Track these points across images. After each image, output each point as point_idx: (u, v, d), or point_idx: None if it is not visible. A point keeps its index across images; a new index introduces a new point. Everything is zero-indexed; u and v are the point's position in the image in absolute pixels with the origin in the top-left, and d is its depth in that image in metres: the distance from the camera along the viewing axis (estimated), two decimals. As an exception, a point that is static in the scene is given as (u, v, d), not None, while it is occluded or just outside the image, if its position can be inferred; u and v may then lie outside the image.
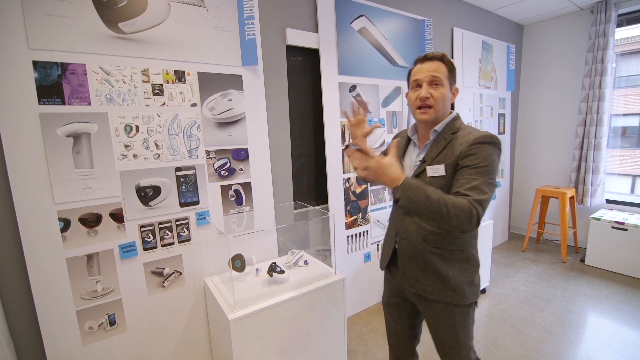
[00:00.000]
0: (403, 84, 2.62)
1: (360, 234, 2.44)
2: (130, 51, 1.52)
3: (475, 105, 3.27)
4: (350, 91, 2.27)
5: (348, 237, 2.37)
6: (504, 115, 3.65)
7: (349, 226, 2.36)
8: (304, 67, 2.19)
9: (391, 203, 2.59)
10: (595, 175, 3.38)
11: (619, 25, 3.23)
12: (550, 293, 2.74)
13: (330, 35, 2.15)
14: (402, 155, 1.24)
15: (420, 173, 1.12)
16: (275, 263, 1.71)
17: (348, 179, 2.32)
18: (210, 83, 1.75)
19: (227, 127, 1.81)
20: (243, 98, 1.85)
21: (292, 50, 2.09)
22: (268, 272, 1.66)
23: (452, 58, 3.03)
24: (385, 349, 2.08)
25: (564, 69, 3.63)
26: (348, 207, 2.35)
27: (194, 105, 1.71)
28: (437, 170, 1.08)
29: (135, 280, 1.61)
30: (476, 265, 1.16)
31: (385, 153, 1.09)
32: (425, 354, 1.95)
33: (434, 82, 1.09)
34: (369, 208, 2.48)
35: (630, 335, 2.16)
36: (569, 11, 3.47)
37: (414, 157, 1.20)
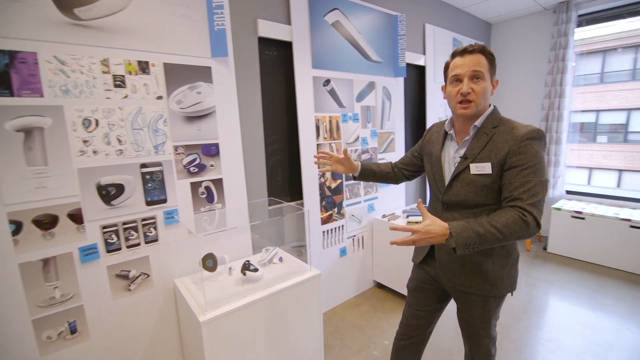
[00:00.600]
0: (377, 79, 2.63)
1: (335, 228, 2.44)
2: (88, 39, 1.41)
3: (446, 101, 3.34)
4: (324, 85, 2.25)
5: (324, 232, 2.36)
6: (473, 110, 3.77)
7: (324, 221, 2.35)
8: (277, 60, 2.13)
9: (365, 198, 2.61)
10: (556, 168, 3.57)
11: (579, 25, 3.40)
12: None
13: (304, 28, 2.11)
14: (439, 149, 1.22)
15: (462, 170, 1.11)
16: (248, 261, 1.67)
17: (323, 174, 2.31)
18: (177, 75, 1.66)
19: (196, 121, 1.74)
20: (213, 91, 1.78)
21: (264, 42, 2.03)
22: (241, 271, 1.62)
23: (424, 54, 3.08)
24: (362, 341, 2.10)
25: (528, 67, 3.79)
26: (323, 203, 2.33)
27: (159, 98, 1.62)
28: (482, 168, 1.06)
29: (98, 285, 1.51)
30: (517, 257, 1.18)
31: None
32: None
33: (475, 77, 1.06)
34: (344, 203, 2.48)
35: (588, 317, 2.31)
36: (534, 11, 3.61)
37: (452, 152, 1.18)
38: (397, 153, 2.87)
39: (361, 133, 2.55)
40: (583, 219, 3.17)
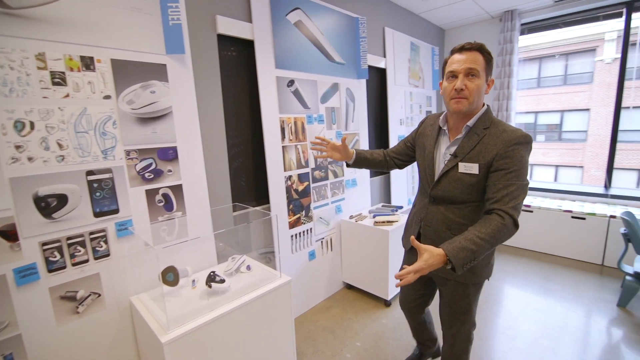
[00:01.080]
0: (341, 81, 2.63)
1: (304, 232, 2.39)
2: (19, 30, 1.24)
3: (406, 103, 3.44)
4: (288, 86, 2.20)
5: (292, 236, 2.31)
6: (430, 112, 3.93)
7: (292, 225, 2.30)
8: (238, 59, 2.04)
9: (332, 200, 2.59)
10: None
11: (522, 33, 3.69)
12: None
13: (265, 26, 2.04)
14: (433, 145, 1.26)
15: (451, 168, 1.15)
16: (214, 272, 1.56)
17: (289, 177, 2.25)
18: (128, 72, 1.52)
19: (151, 123, 1.60)
20: (169, 90, 1.65)
21: (225, 40, 1.94)
22: (206, 283, 1.51)
23: (385, 57, 3.15)
24: (334, 345, 2.07)
25: (479, 71, 4.03)
26: (291, 206, 2.28)
27: (107, 97, 1.47)
28: (470, 168, 1.11)
29: (39, 310, 1.33)
30: (494, 249, 1.23)
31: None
32: (372, 345, 1.98)
33: (470, 74, 1.09)
34: (312, 205, 2.44)
35: (540, 303, 2.48)
36: (482, 18, 3.85)
37: (443, 149, 1.22)
38: (362, 154, 2.89)
39: (326, 134, 2.53)
40: (531, 212, 3.43)
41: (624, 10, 3.12)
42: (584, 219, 3.10)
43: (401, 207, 2.89)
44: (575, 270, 2.99)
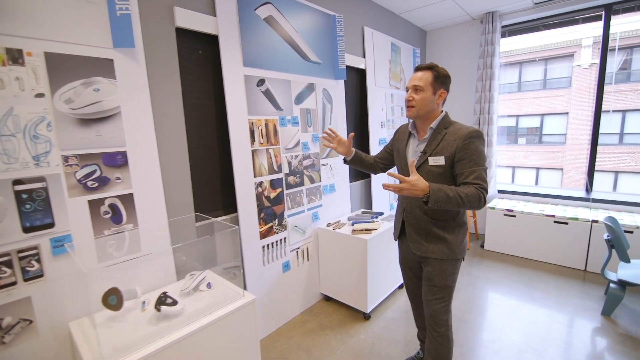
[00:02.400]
0: (317, 81, 2.49)
1: (277, 242, 2.23)
2: None
3: (387, 105, 3.34)
4: (258, 85, 2.04)
5: (263, 247, 2.14)
6: (413, 114, 3.83)
7: (263, 235, 2.13)
8: (202, 56, 1.88)
9: (309, 207, 2.44)
10: (489, 169, 3.77)
11: (503, 35, 3.64)
12: (457, 280, 2.93)
13: (232, 20, 1.89)
14: (404, 146, 1.54)
15: (423, 162, 1.40)
16: (165, 293, 1.39)
17: (260, 183, 2.09)
18: (66, 68, 1.33)
19: (95, 124, 1.42)
20: (116, 88, 1.47)
21: (185, 34, 1.77)
22: (155, 307, 1.33)
23: (364, 57, 3.03)
24: (307, 367, 1.91)
25: (461, 73, 3.98)
26: (262, 215, 2.11)
27: (40, 95, 1.28)
28: (438, 160, 1.37)
29: (-51, 344, 1.12)
30: (466, 229, 1.49)
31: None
32: None
33: (415, 88, 1.40)
34: (286, 213, 2.29)
35: (524, 313, 2.39)
36: (464, 20, 3.80)
37: (414, 147, 1.49)
38: (340, 158, 2.76)
39: (302, 137, 2.38)
40: (514, 216, 3.36)
41: (603, 13, 3.10)
42: (566, 223, 3.05)
43: (382, 214, 2.77)
44: (559, 277, 2.93)
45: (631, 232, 2.72)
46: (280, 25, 2.17)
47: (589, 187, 3.42)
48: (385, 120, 3.31)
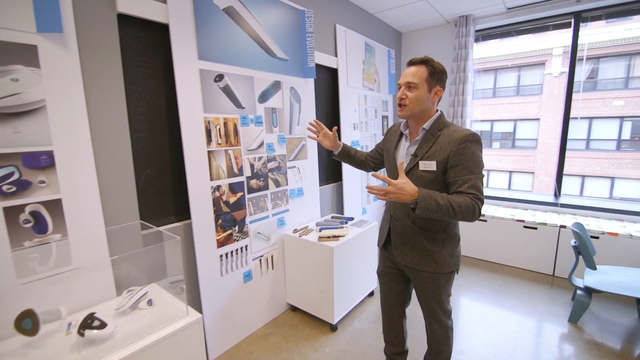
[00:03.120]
0: (284, 79, 2.35)
1: (237, 250, 2.08)
2: None
3: (361, 106, 3.25)
4: (216, 81, 1.88)
5: (221, 256, 1.98)
6: (387, 117, 3.77)
7: (221, 243, 1.97)
8: (151, 46, 1.71)
9: (274, 212, 2.30)
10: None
11: (477, 40, 3.64)
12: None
13: (185, 8, 1.72)
14: (394, 147, 1.43)
15: (413, 166, 1.29)
16: (92, 314, 1.21)
17: (218, 187, 1.93)
18: (-27, 52, 1.14)
19: (12, 120, 1.23)
20: (40, 79, 1.28)
21: (129, 22, 1.60)
22: (78, 331, 1.16)
23: (336, 56, 2.93)
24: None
25: (435, 76, 3.94)
26: (220, 221, 1.95)
27: (-64, 84, 1.08)
28: (429, 165, 1.25)
29: None
30: (457, 241, 1.37)
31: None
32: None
33: (409, 86, 1.26)
34: (248, 219, 2.13)
35: (493, 321, 2.34)
36: (438, 23, 3.77)
37: (405, 149, 1.37)
38: (309, 160, 2.64)
39: (266, 138, 2.24)
40: (485, 221, 3.35)
41: (572, 20, 3.14)
42: (535, 228, 3.06)
43: (352, 219, 2.66)
44: (528, 282, 2.92)
45: (597, 238, 2.74)
46: (242, 17, 2.02)
47: (557, 192, 3.45)
48: (358, 122, 3.21)
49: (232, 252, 2.04)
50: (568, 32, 3.19)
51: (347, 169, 3.07)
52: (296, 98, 2.47)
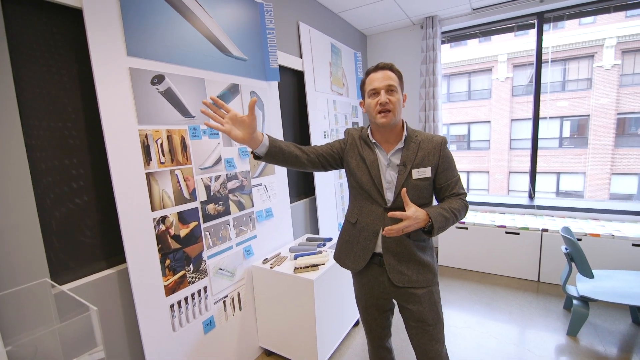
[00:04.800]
0: (242, 81, 1.99)
1: (193, 295, 1.65)
2: None
3: (330, 112, 2.96)
4: (154, 83, 1.48)
5: (172, 306, 1.55)
6: (357, 123, 3.52)
7: (171, 290, 1.54)
8: (61, 39, 1.27)
9: (238, 241, 1.91)
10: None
11: (443, 42, 3.53)
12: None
13: (105, -11, 1.31)
14: (373, 155, 1.25)
15: (406, 177, 1.19)
16: None
17: (163, 218, 1.50)
18: None
19: None
20: None
21: (24, 4, 1.16)
22: None
23: (301, 57, 2.62)
24: None
25: (405, 80, 3.78)
26: (168, 261, 1.52)
27: None
28: (423, 172, 1.19)
29: None
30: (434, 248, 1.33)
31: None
32: None
33: (389, 89, 1.17)
34: (205, 254, 1.72)
35: (491, 344, 2.11)
36: (404, 24, 3.62)
37: (383, 160, 1.24)
38: (277, 175, 2.28)
39: (224, 153, 1.85)
40: (466, 228, 3.19)
41: (536, 21, 3.12)
42: (517, 234, 2.94)
43: (330, 239, 2.33)
44: (516, 291, 2.77)
45: (580, 240, 2.66)
46: (186, 6, 1.63)
47: (532, 194, 3.40)
48: (328, 130, 2.92)
49: (186, 298, 1.61)
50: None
51: (320, 180, 2.75)
52: (259, 104, 2.11)
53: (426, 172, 1.19)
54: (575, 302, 2.17)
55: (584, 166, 9.91)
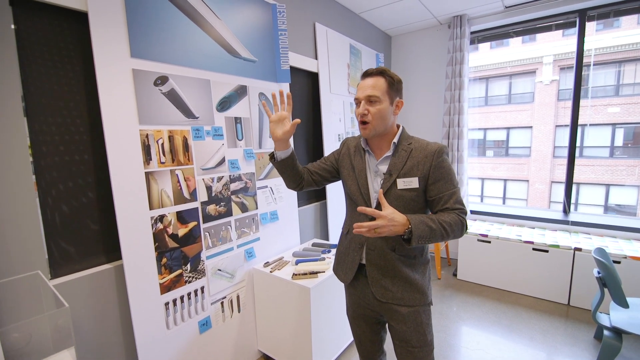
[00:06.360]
0: (250, 83, 1.99)
1: (189, 294, 1.67)
2: None
3: (346, 115, 2.89)
4: (157, 84, 1.50)
5: (167, 304, 1.57)
6: (377, 126, 3.42)
7: (167, 288, 1.56)
8: (65, 40, 1.32)
9: (240, 243, 1.91)
10: (461, 187, 3.39)
11: (472, 42, 3.33)
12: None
13: (111, -7, 1.35)
14: (362, 163, 1.22)
15: (390, 186, 1.13)
16: None
17: (161, 217, 1.53)
18: None
19: None
20: None
21: (31, 7, 1.22)
22: None
23: (316, 58, 2.58)
24: None
25: (429, 82, 3.63)
26: (164, 260, 1.55)
27: None
28: (410, 182, 1.12)
29: None
30: (429, 265, 1.22)
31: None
32: None
33: (369, 100, 1.11)
34: (204, 254, 1.73)
35: (506, 370, 1.95)
36: (430, 24, 3.47)
37: (372, 167, 1.21)
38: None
39: (228, 154, 1.85)
40: (489, 242, 2.98)
41: (577, 19, 2.85)
42: (546, 251, 2.69)
43: (335, 246, 2.26)
44: (541, 314, 2.54)
45: (619, 263, 2.39)
46: (194, 8, 1.65)
47: (566, 208, 3.11)
48: (344, 133, 2.85)
49: (182, 297, 1.63)
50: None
51: (332, 184, 2.69)
52: (269, 105, 2.10)
53: (412, 182, 1.11)
54: (606, 332, 1.94)
55: (638, 179, 9.00)
